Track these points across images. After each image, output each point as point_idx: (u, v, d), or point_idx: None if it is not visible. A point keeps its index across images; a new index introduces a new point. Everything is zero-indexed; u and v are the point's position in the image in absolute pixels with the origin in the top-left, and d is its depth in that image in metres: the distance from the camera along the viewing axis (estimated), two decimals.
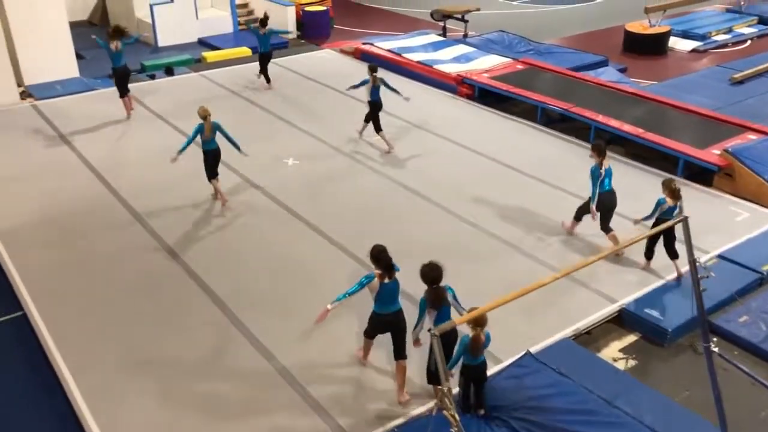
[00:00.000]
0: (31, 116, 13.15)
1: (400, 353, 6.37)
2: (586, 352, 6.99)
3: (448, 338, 5.79)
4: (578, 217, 8.90)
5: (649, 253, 8.23)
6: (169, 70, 15.49)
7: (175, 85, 14.84)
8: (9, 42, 13.76)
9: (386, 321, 6.31)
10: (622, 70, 15.35)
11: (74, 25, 15.94)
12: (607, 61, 15.50)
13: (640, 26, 17.57)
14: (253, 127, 12.65)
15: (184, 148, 9.41)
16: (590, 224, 8.67)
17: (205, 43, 17.55)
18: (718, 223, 9.31)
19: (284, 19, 18.03)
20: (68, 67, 14.85)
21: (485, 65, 14.82)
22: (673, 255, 7.99)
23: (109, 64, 12.76)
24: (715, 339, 5.20)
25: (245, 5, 18.94)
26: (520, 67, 14.60)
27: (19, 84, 14.12)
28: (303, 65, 16.02)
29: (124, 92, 12.72)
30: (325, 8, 19.18)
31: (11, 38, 13.95)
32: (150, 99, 13.85)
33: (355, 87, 11.79)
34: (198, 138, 9.47)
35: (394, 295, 6.24)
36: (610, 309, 7.61)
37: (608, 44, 17.66)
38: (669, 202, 7.74)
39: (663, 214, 7.76)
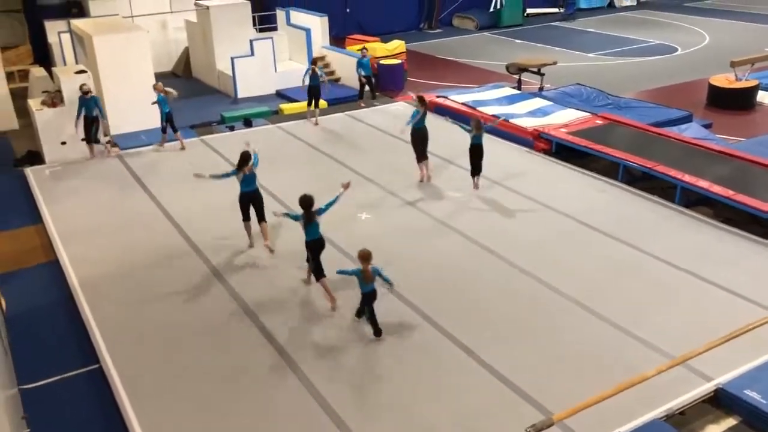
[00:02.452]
0: (116, 165, 13.61)
1: (261, 217, 9.90)
2: None
3: (317, 245, 8.64)
4: (419, 159, 12.10)
5: (474, 172, 11.68)
6: (247, 122, 15.84)
7: (253, 137, 15.07)
8: (99, 94, 14.37)
9: (248, 197, 9.75)
10: (708, 126, 14.75)
11: (159, 76, 16.53)
12: (691, 116, 14.97)
13: (725, 80, 16.96)
14: (326, 180, 12.65)
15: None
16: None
17: (282, 95, 17.93)
18: None
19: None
20: (153, 118, 15.32)
21: (562, 119, 14.54)
22: (478, 172, 11.64)
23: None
24: None
25: (322, 58, 19.30)
26: (599, 122, 14.25)
27: (106, 134, 14.67)
28: (377, 118, 16.11)
29: (91, 139, 13.79)
30: (399, 62, 19.35)
31: (101, 90, 14.58)
32: (228, 150, 14.13)
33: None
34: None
35: (252, 181, 9.75)
36: (704, 388, 7.06)
37: (691, 99, 17.09)
38: (475, 131, 11.31)
39: (474, 139, 11.38)
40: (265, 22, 22.10)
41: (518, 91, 17.09)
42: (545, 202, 11.41)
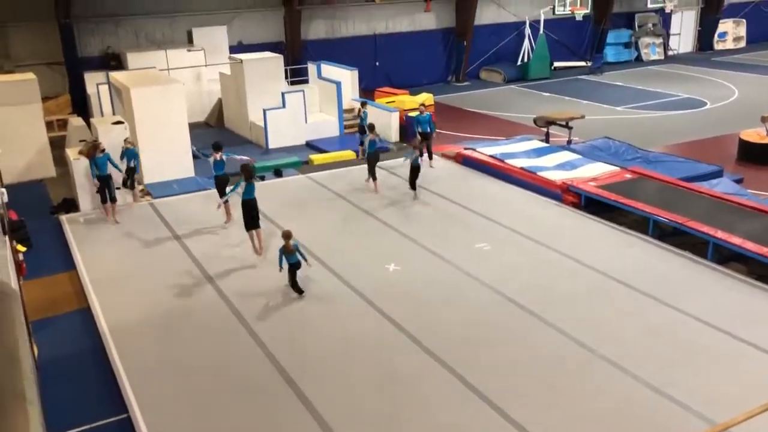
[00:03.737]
0: (149, 214, 13.85)
1: (223, 195, 12.57)
2: None
3: (250, 204, 11.35)
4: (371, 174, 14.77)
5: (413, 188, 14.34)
6: (278, 172, 16.09)
7: (283, 187, 15.35)
8: (135, 143, 14.72)
9: (221, 180, 12.67)
10: (739, 181, 14.64)
11: (192, 127, 16.92)
12: (721, 171, 14.87)
13: (756, 135, 16.87)
14: (355, 231, 12.78)
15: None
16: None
17: (312, 146, 18.23)
18: None
19: (388, 124, 18.53)
20: (185, 167, 15.68)
21: (591, 173, 14.52)
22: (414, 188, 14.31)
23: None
24: None
25: (352, 110, 19.66)
26: (628, 176, 14.20)
27: (140, 182, 14.98)
28: (406, 169, 16.21)
29: (105, 199, 13.43)
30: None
31: (137, 140, 14.94)
32: (259, 200, 14.24)
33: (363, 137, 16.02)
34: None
35: (221, 167, 12.62)
36: None
37: (721, 153, 17.01)
38: (416, 153, 13.99)
39: (414, 161, 13.91)
40: (296, 75, 22.66)
41: (546, 144, 17.16)
42: (575, 256, 11.33)
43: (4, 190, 12.18)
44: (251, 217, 11.42)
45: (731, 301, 9.82)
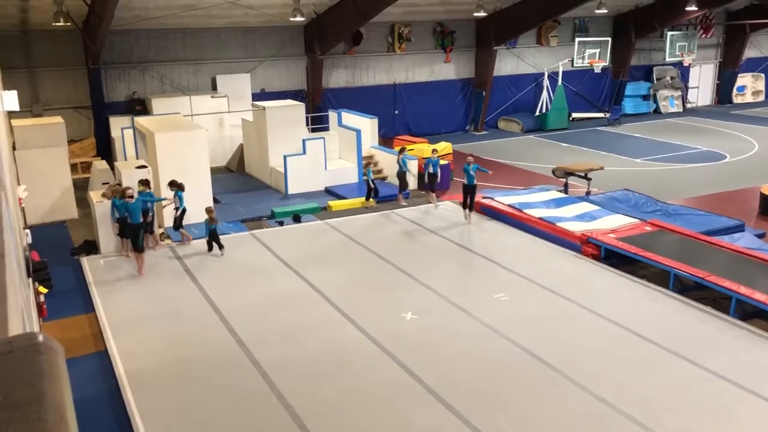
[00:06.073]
0: (168, 258, 13.94)
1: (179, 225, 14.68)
2: None
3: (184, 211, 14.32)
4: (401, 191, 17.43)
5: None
6: (296, 218, 16.19)
7: (302, 232, 15.42)
8: (157, 188, 14.93)
9: (146, 212, 13.51)
10: (761, 236, 14.49)
11: (213, 171, 17.14)
12: (743, 225, 14.74)
13: None
14: (372, 278, 12.76)
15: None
16: None
17: (331, 192, 18.35)
18: None
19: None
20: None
21: (610, 225, 14.47)
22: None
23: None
24: None
25: (371, 157, 19.85)
26: (648, 228, 14.13)
27: (160, 226, 15.12)
28: (424, 217, 16.30)
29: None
30: (446, 162, 19.71)
31: (159, 184, 15.14)
32: (278, 245, 14.39)
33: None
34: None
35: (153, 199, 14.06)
36: None
37: (742, 207, 16.89)
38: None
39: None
40: (317, 123, 22.98)
41: (565, 195, 17.15)
42: (595, 308, 11.21)
43: (28, 231, 12.40)
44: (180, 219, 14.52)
45: (755, 359, 9.62)
